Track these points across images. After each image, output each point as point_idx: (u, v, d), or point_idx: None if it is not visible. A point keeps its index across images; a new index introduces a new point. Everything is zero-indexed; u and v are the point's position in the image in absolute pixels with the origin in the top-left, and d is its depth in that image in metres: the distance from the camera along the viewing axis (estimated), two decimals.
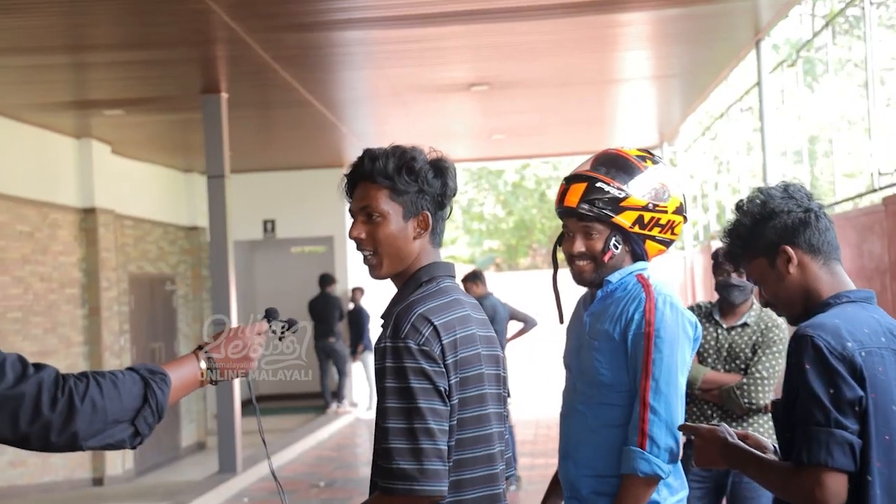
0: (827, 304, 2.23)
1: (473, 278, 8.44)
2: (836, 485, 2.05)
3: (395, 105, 10.99)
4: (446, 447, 2.12)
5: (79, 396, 1.74)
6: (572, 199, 2.69)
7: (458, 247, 29.37)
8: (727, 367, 4.12)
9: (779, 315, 2.43)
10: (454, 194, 2.34)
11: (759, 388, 4.01)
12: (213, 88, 9.07)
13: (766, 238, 2.29)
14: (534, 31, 8.18)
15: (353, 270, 14.68)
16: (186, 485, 8.65)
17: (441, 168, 2.31)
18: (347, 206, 2.33)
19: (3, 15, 6.78)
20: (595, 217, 2.66)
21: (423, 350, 2.12)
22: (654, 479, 2.57)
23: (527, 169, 27.17)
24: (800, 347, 2.12)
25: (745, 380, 4.04)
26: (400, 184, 2.25)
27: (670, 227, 2.72)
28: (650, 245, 2.72)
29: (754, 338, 4.13)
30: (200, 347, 2.04)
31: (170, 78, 8.94)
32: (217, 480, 8.79)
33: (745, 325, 4.16)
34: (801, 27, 16.18)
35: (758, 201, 2.32)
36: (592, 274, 2.72)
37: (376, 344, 2.20)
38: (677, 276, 14.61)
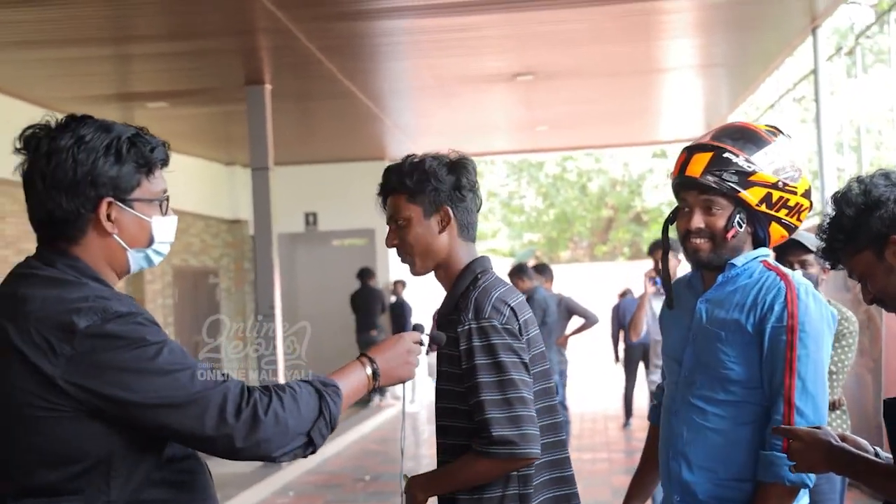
0: None
1: (519, 273, 8.34)
2: None
3: (439, 96, 10.90)
4: (535, 414, 2.34)
5: (262, 409, 1.81)
6: (695, 168, 2.40)
7: (498, 240, 29.26)
8: None
9: (889, 310, 2.22)
10: (473, 187, 2.50)
11: (828, 384, 3.87)
12: (256, 80, 9.03)
13: (873, 229, 2.13)
14: (577, 18, 8.06)
15: (394, 263, 14.60)
16: (232, 477, 8.63)
17: (454, 163, 2.47)
18: None
19: (45, 6, 6.77)
20: (720, 190, 2.39)
21: (506, 328, 2.35)
22: (798, 488, 2.34)
23: (568, 161, 26.98)
24: None
25: None
26: (413, 185, 2.44)
27: (798, 210, 2.44)
28: (774, 228, 2.45)
29: None
30: (364, 354, 2.09)
31: (213, 69, 8.92)
32: (262, 474, 8.77)
33: None
34: (849, 17, 15.87)
35: (859, 191, 2.16)
36: (710, 254, 2.44)
37: (456, 328, 2.36)
38: None
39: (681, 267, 5.70)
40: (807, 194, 2.45)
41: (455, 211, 2.47)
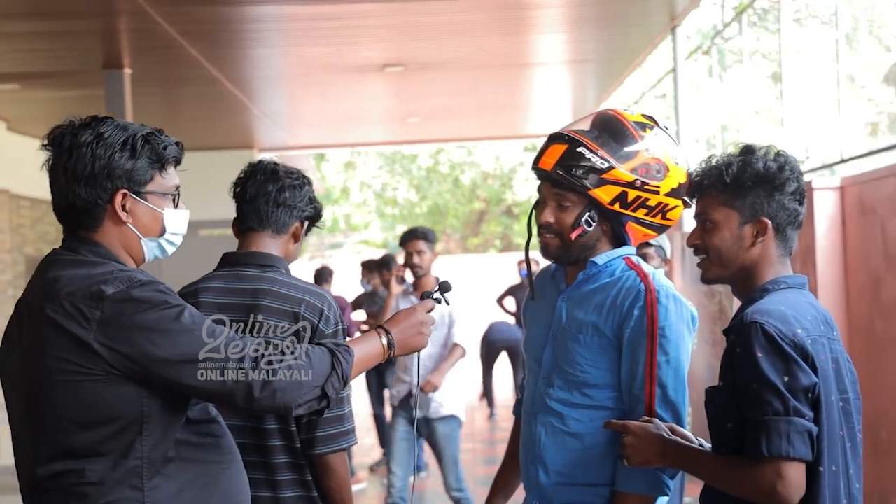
0: (765, 289, 2.12)
1: (389, 265, 8.36)
2: (798, 475, 1.94)
3: (308, 85, 10.72)
4: None
5: (278, 361, 1.96)
6: (548, 160, 2.33)
7: (370, 231, 29.16)
8: None
9: (700, 265, 2.21)
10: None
11: None
12: (115, 63, 8.65)
13: (756, 200, 2.13)
14: (449, 10, 8.03)
15: None
16: None
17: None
18: None
19: None
20: (569, 186, 2.31)
21: None
22: (656, 496, 2.29)
23: (441, 154, 27.06)
24: (748, 335, 1.99)
25: None
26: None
27: (661, 209, 2.33)
28: (634, 228, 2.35)
29: None
30: (381, 326, 2.22)
31: (69, 51, 8.52)
32: None
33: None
34: (711, 17, 16.38)
35: (775, 163, 2.14)
36: (558, 250, 2.38)
37: None
38: None
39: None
40: (674, 193, 2.33)
41: None
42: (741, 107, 11.22)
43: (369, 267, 9.44)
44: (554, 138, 2.36)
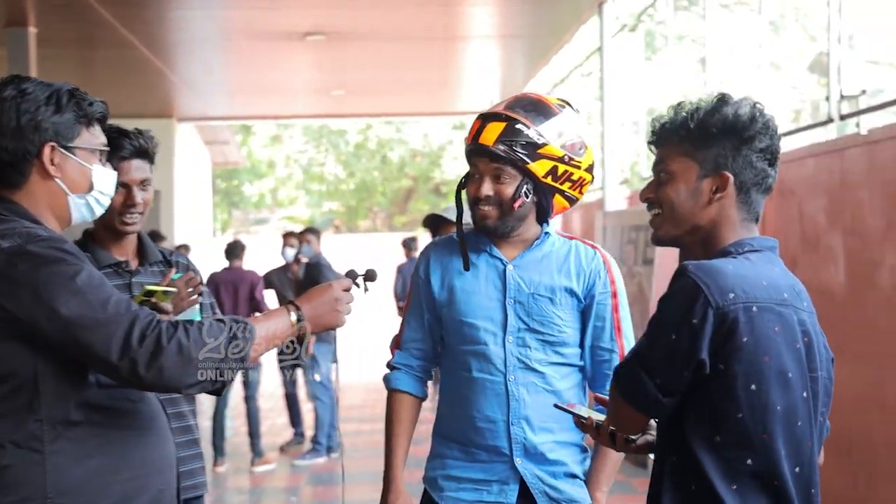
0: (727, 251, 1.90)
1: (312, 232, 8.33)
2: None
3: (228, 52, 10.37)
4: None
5: (167, 337, 1.85)
6: (489, 137, 2.48)
7: (297, 207, 28.76)
8: None
9: (652, 222, 2.02)
10: None
11: None
12: (19, 21, 8.22)
13: (723, 153, 1.91)
14: None
15: (179, 226, 13.98)
16: None
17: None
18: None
19: None
20: (509, 160, 2.48)
21: None
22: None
23: (370, 130, 26.76)
24: (678, 281, 1.82)
25: None
26: None
27: (580, 184, 2.56)
28: (558, 200, 2.56)
29: None
30: (291, 301, 2.10)
31: None
32: None
33: None
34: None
35: (747, 114, 1.91)
36: (497, 221, 2.54)
37: None
38: None
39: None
40: (590, 169, 2.56)
41: None
42: (669, 90, 11.18)
43: (290, 238, 9.21)
44: (490, 117, 2.51)
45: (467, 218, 2.61)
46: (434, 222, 5.13)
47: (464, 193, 2.61)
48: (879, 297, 4.71)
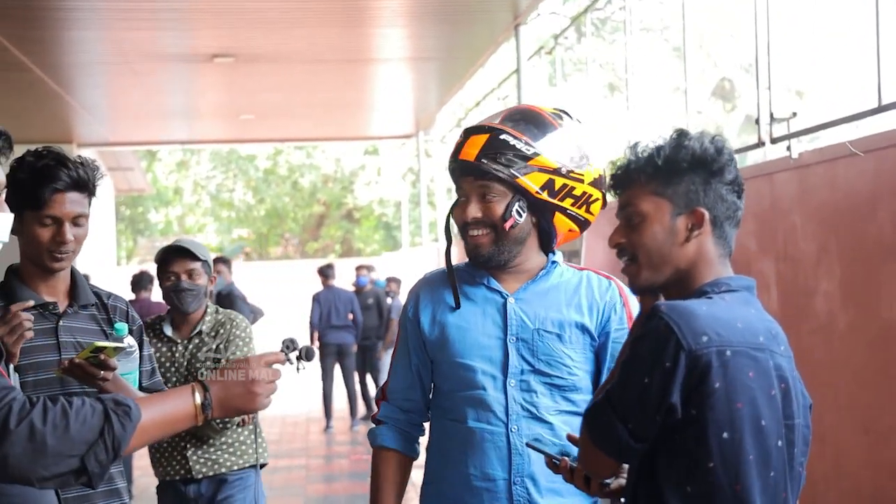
0: (703, 291, 1.80)
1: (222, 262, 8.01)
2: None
3: (129, 75, 9.93)
4: None
5: (16, 419, 1.54)
6: (470, 151, 2.21)
7: (206, 235, 28.13)
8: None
9: (626, 271, 1.89)
10: None
11: None
12: None
13: (694, 188, 1.82)
14: None
15: (81, 255, 13.40)
16: None
17: None
18: None
19: None
20: (495, 175, 2.17)
21: None
22: None
23: (280, 155, 26.35)
24: (650, 322, 1.72)
25: None
26: None
27: (586, 201, 2.23)
28: (560, 220, 2.23)
29: (214, 345, 3.65)
30: (199, 381, 1.77)
31: None
32: None
33: (199, 334, 3.67)
34: (552, 25, 16.46)
35: (715, 146, 1.83)
36: (491, 247, 2.23)
37: None
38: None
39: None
40: (596, 184, 2.26)
41: None
42: (578, 114, 11.15)
43: None
44: (472, 130, 2.26)
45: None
46: None
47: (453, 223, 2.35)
48: (814, 326, 4.58)
